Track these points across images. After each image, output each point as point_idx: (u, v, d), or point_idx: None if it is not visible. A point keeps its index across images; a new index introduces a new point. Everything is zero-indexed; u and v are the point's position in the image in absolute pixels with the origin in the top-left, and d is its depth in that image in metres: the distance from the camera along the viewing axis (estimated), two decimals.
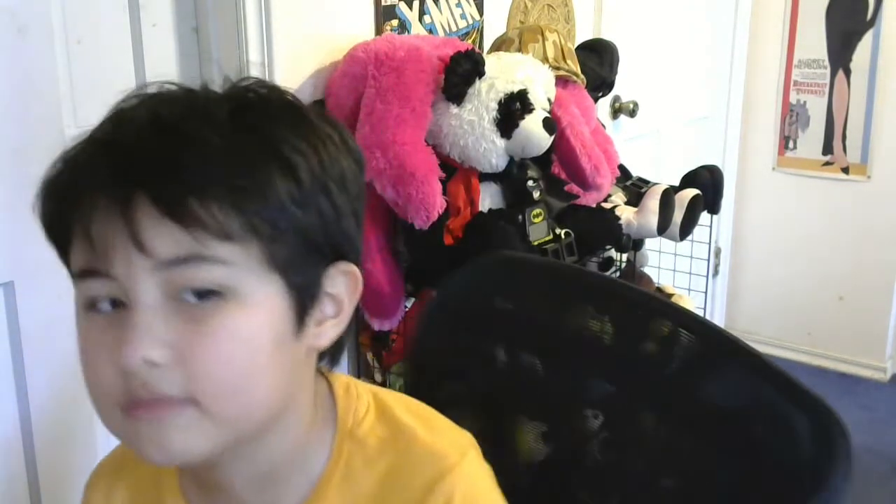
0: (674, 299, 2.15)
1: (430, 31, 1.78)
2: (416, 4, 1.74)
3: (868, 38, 2.99)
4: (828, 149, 3.14)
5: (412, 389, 0.95)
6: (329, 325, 0.65)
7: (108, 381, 0.58)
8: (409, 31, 1.73)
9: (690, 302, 2.18)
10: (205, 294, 0.57)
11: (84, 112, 1.36)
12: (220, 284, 0.57)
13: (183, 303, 0.57)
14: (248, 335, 0.58)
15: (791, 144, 3.23)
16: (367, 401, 0.70)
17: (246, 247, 0.57)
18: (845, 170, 3.12)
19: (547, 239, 1.60)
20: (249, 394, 0.59)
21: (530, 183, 1.57)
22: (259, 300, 0.58)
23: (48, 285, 1.34)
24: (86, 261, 0.59)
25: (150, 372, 0.56)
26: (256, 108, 0.61)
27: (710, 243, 2.25)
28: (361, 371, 1.70)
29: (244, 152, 0.57)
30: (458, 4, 1.84)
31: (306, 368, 0.66)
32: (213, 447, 0.60)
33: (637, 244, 1.97)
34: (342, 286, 0.64)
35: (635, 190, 1.95)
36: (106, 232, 0.56)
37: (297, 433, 0.66)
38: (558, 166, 1.68)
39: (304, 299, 0.61)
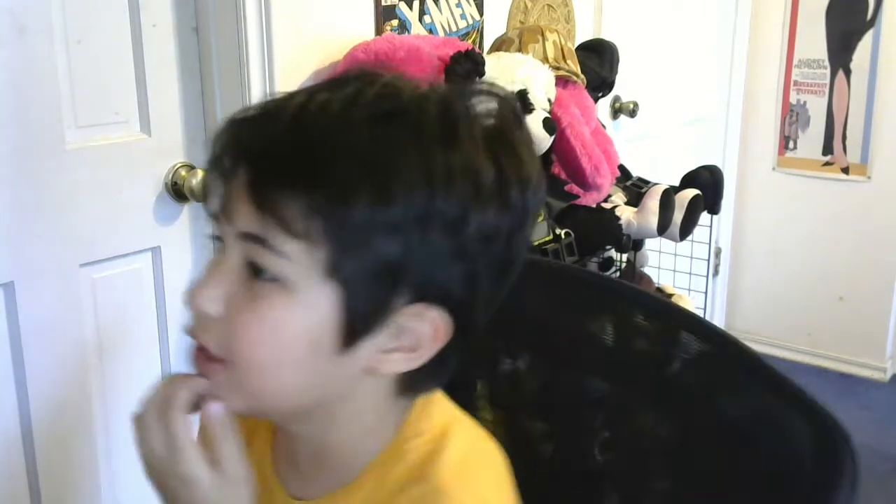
0: (674, 299, 2.15)
1: (430, 31, 1.78)
2: (416, 4, 1.74)
3: (868, 38, 2.99)
4: (828, 149, 3.14)
5: None
6: (398, 356, 0.63)
7: (186, 305, 0.63)
8: (409, 31, 1.73)
9: (690, 302, 2.18)
10: (265, 275, 0.59)
11: (84, 112, 1.36)
12: (278, 274, 0.58)
13: (251, 273, 0.60)
14: (284, 328, 0.59)
15: (791, 144, 3.23)
16: (427, 428, 0.68)
17: (312, 249, 0.57)
18: (845, 170, 3.12)
19: (547, 239, 1.60)
20: (272, 378, 0.61)
21: None
22: (309, 301, 0.59)
23: (48, 285, 1.34)
24: (210, 204, 0.63)
25: (203, 320, 0.61)
26: (400, 122, 0.58)
27: (710, 243, 2.25)
28: None
29: (344, 159, 0.56)
30: (458, 4, 1.84)
31: (365, 384, 0.65)
32: (246, 409, 0.63)
33: (637, 244, 1.97)
34: (421, 327, 0.62)
35: (635, 190, 1.95)
36: (221, 189, 0.61)
37: (351, 433, 0.67)
38: (558, 166, 1.68)
39: (359, 320, 0.60)
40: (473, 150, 0.58)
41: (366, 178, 0.56)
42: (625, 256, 1.98)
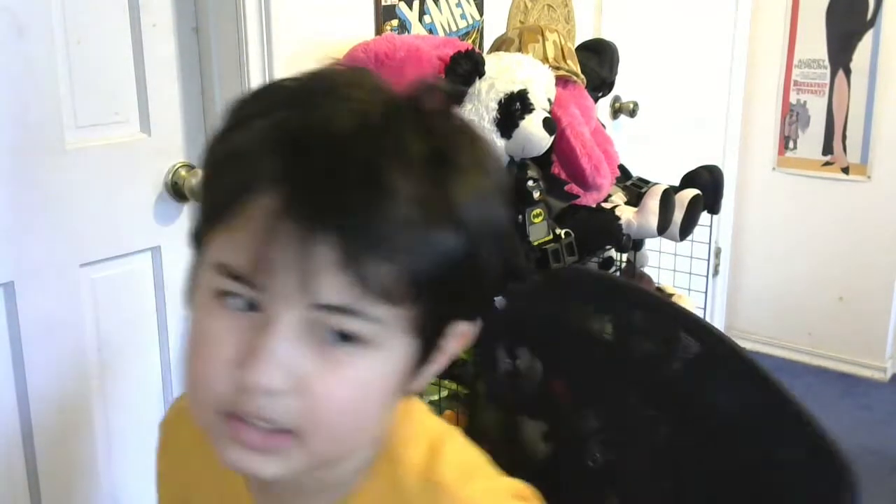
0: (674, 299, 2.15)
1: (430, 31, 1.78)
2: (416, 4, 1.74)
3: (868, 38, 2.99)
4: (828, 149, 3.14)
5: None
6: (430, 372, 0.63)
7: (217, 381, 0.56)
8: (409, 31, 1.73)
9: (690, 302, 2.18)
10: (346, 338, 0.55)
11: (84, 112, 1.36)
12: (365, 336, 0.55)
13: (321, 339, 0.55)
14: (372, 384, 0.57)
15: (791, 144, 3.23)
16: (419, 432, 0.68)
17: (400, 309, 0.55)
18: (845, 170, 3.12)
19: (547, 239, 1.60)
20: (351, 436, 0.59)
21: (530, 183, 1.57)
22: (392, 354, 0.57)
23: (48, 285, 1.34)
24: (235, 262, 0.55)
25: (267, 396, 0.55)
26: (450, 151, 0.56)
27: (710, 243, 2.25)
28: None
29: (433, 218, 0.54)
30: (458, 4, 1.84)
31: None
32: (287, 474, 0.59)
33: (637, 244, 1.97)
34: (454, 344, 0.63)
35: (635, 190, 1.95)
36: (272, 250, 0.53)
37: (355, 451, 0.65)
38: (558, 166, 1.68)
39: (425, 355, 0.60)
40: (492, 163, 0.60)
41: (451, 233, 0.55)
42: (625, 256, 1.98)
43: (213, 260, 0.56)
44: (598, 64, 1.95)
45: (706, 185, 2.00)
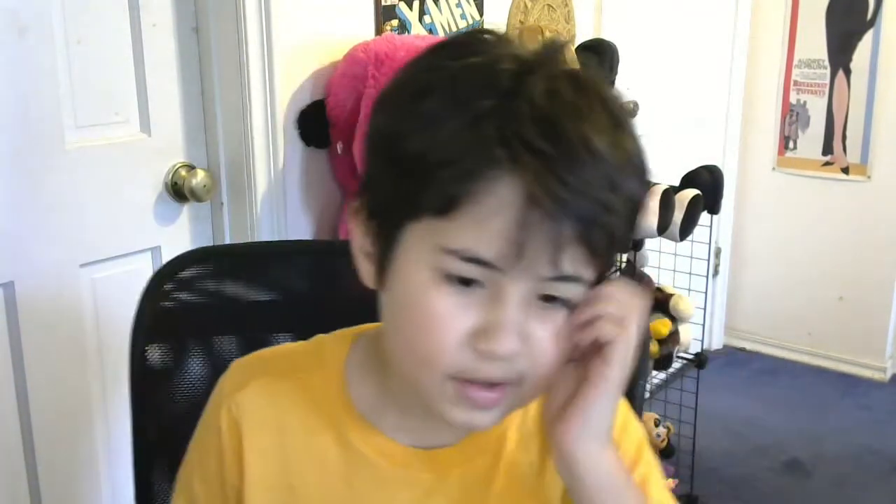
0: (674, 299, 2.15)
1: (430, 31, 1.78)
2: (416, 4, 1.74)
3: (868, 38, 2.99)
4: (828, 149, 3.14)
5: None
6: None
7: (449, 351, 0.60)
8: (409, 31, 1.73)
9: (690, 302, 2.18)
10: (555, 298, 0.61)
11: (84, 112, 1.36)
12: (574, 297, 0.62)
13: (536, 301, 0.61)
14: (566, 331, 0.63)
15: (791, 144, 3.23)
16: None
17: (601, 268, 0.62)
18: (845, 170, 3.12)
19: None
20: (550, 379, 0.64)
21: None
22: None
23: (48, 285, 1.34)
24: (486, 251, 0.58)
25: (507, 361, 0.61)
26: (615, 109, 0.61)
27: (710, 243, 2.25)
28: None
29: (630, 179, 0.60)
30: (458, 4, 1.84)
31: None
32: (497, 423, 0.66)
33: (637, 244, 1.97)
34: None
35: None
36: (527, 237, 0.57)
37: None
38: None
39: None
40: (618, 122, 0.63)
41: (640, 189, 0.62)
42: (625, 256, 1.98)
43: (449, 246, 0.58)
44: (598, 64, 1.95)
45: (706, 185, 2.00)
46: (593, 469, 0.64)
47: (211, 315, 1.00)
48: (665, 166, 2.40)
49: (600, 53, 1.98)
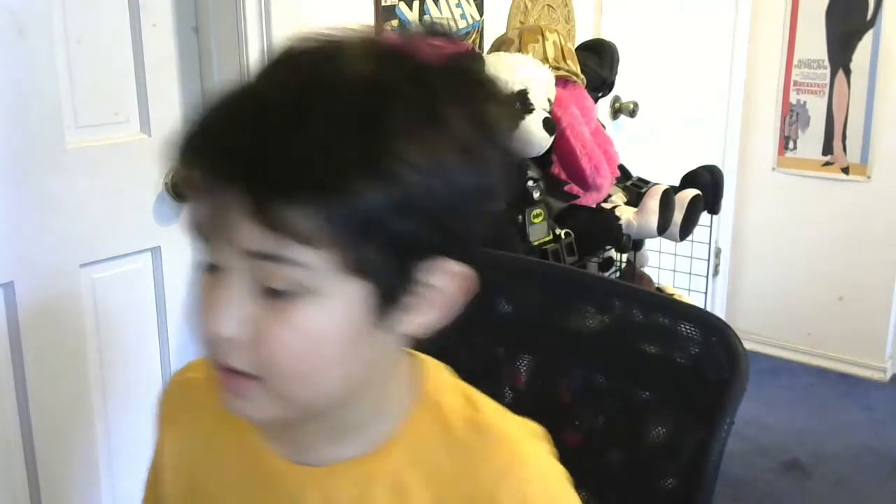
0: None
1: None
2: (416, 4, 1.74)
3: (868, 38, 2.99)
4: (828, 149, 3.14)
5: None
6: (432, 316, 0.63)
7: (203, 338, 0.61)
8: None
9: (690, 302, 2.18)
10: (285, 286, 0.58)
11: (84, 112, 1.36)
12: (298, 284, 0.57)
13: (268, 290, 0.58)
14: (319, 331, 0.59)
15: (791, 144, 3.23)
16: (452, 382, 0.71)
17: (329, 252, 0.56)
18: (845, 170, 3.12)
19: (547, 239, 1.60)
20: (315, 381, 0.61)
21: (530, 183, 1.57)
22: (337, 299, 0.58)
23: (48, 285, 1.34)
24: (195, 223, 0.60)
25: (225, 345, 0.59)
26: (393, 87, 0.56)
27: (710, 243, 2.25)
28: None
29: (345, 153, 0.54)
30: (458, 4, 1.84)
31: (395, 351, 0.66)
32: (281, 416, 0.63)
33: (637, 244, 1.97)
34: (447, 282, 0.62)
35: (635, 190, 1.95)
36: (208, 208, 0.58)
37: (374, 402, 0.67)
38: (558, 166, 1.68)
39: (390, 293, 0.60)
40: (450, 103, 0.58)
41: (367, 169, 0.54)
42: (625, 256, 1.98)
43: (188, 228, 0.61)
44: (598, 64, 1.96)
45: (706, 185, 2.00)
46: None
47: None
48: (665, 166, 2.41)
49: (600, 53, 1.98)
